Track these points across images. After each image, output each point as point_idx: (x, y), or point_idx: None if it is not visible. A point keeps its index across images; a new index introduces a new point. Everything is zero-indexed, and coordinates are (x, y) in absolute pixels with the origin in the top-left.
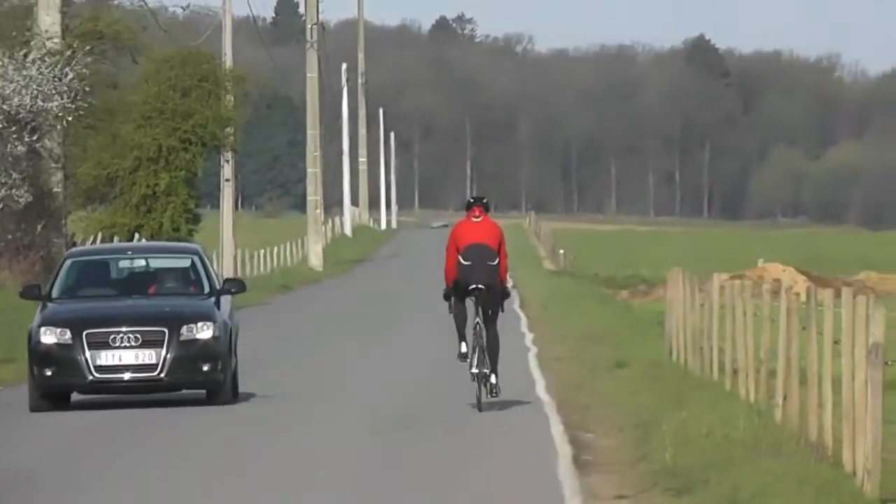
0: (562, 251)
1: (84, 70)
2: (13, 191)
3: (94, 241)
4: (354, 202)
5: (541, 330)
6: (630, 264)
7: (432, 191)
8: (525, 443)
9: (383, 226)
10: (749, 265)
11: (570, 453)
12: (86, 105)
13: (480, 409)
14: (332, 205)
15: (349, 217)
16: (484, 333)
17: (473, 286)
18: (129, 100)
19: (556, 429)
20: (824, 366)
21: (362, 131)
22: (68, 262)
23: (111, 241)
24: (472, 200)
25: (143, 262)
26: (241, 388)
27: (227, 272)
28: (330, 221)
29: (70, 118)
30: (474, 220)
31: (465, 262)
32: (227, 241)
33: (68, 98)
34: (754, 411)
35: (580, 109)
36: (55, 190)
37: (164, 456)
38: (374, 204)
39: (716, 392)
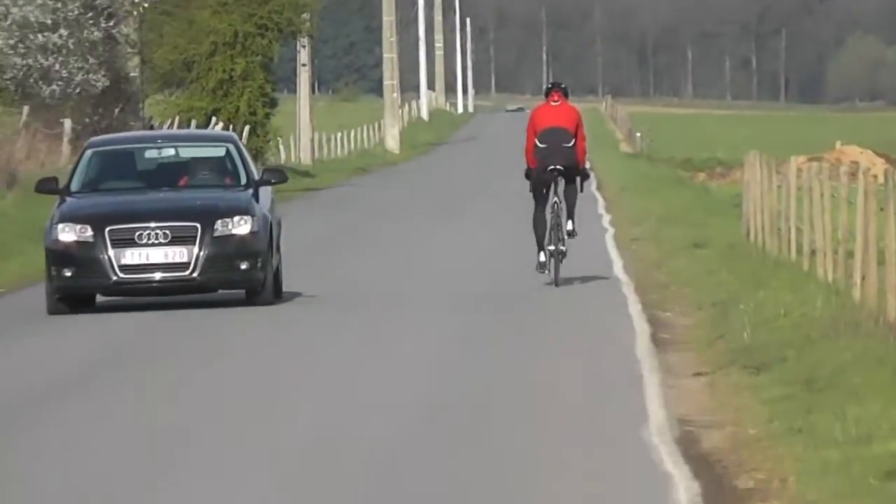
0: (638, 134)
1: None
2: (90, 75)
3: (171, 125)
4: (431, 86)
5: (618, 212)
6: (707, 147)
7: (508, 76)
8: (603, 320)
9: (460, 109)
10: (826, 148)
11: (648, 331)
12: None
13: (557, 284)
14: (408, 89)
15: (426, 101)
16: (561, 213)
17: (552, 167)
18: None
19: (635, 307)
20: None
21: (438, 17)
22: (89, 151)
23: (188, 125)
24: (550, 86)
25: (172, 152)
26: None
27: (305, 155)
28: (406, 105)
29: (146, 4)
30: (553, 104)
31: (542, 145)
32: (305, 125)
33: None
34: (832, 291)
35: None
36: (132, 74)
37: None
38: (450, 88)
39: (793, 272)
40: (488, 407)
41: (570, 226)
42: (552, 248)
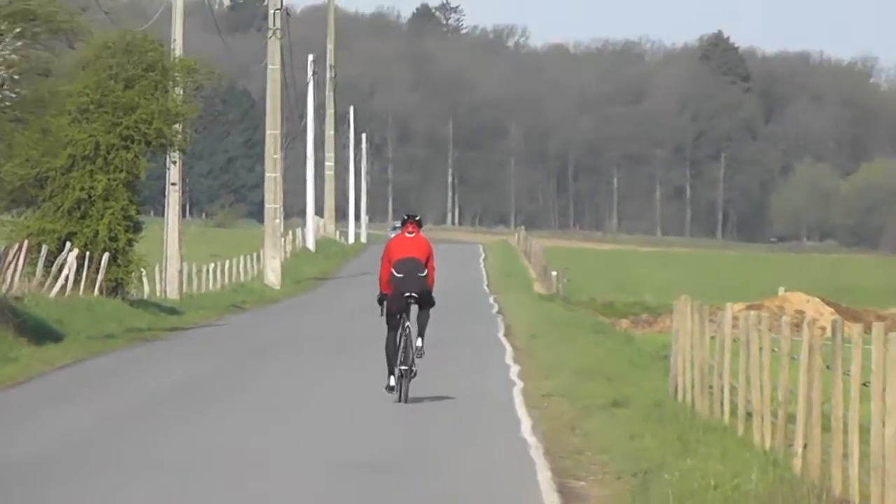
0: (554, 273)
1: (12, 55)
2: None
3: (19, 250)
4: (319, 212)
5: (528, 362)
6: (632, 290)
7: (409, 200)
8: (508, 490)
9: (351, 239)
10: (768, 294)
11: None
12: (13, 95)
13: (405, 401)
14: (292, 215)
15: (312, 229)
16: (411, 336)
17: (407, 294)
18: (63, 90)
19: (543, 475)
20: (850, 411)
21: (330, 132)
22: None
23: (39, 250)
24: (406, 217)
25: None
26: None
27: (172, 288)
28: (290, 233)
29: None
30: (408, 234)
31: (398, 274)
32: (173, 254)
33: None
34: (769, 461)
35: (579, 113)
36: None
37: None
38: (341, 214)
39: (726, 438)
40: None
41: (419, 342)
42: (404, 367)
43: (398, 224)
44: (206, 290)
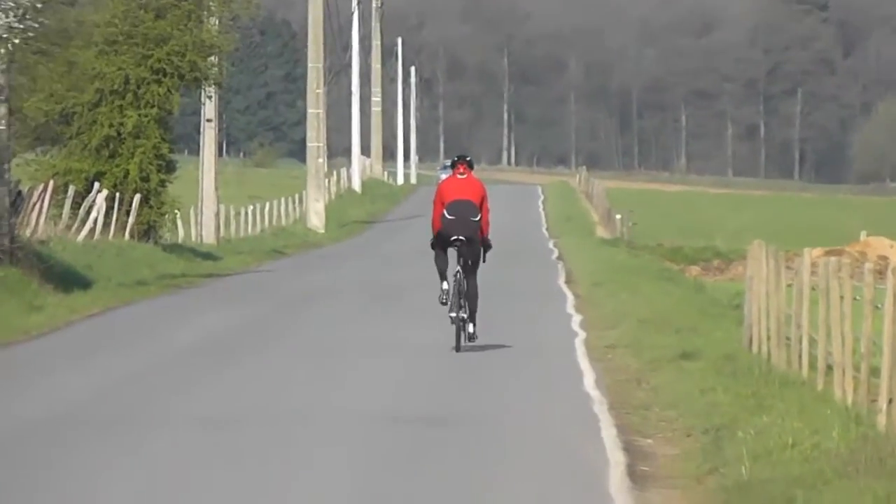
0: (618, 216)
1: None
2: None
3: (44, 191)
4: (365, 151)
5: (591, 312)
6: (702, 235)
7: (461, 140)
8: (571, 449)
9: (400, 180)
10: (849, 239)
11: (624, 462)
12: (36, 25)
13: (458, 350)
14: (337, 154)
15: (358, 169)
16: (464, 282)
17: (455, 238)
18: (89, 20)
19: (608, 432)
20: None
21: (376, 65)
22: None
23: (65, 191)
24: (456, 158)
25: None
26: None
27: (208, 233)
28: (335, 174)
29: (16, 40)
30: (459, 176)
31: (449, 217)
32: (209, 195)
33: (14, 16)
34: (851, 417)
35: (642, 45)
36: None
37: None
38: (389, 154)
39: (804, 392)
40: None
41: (471, 328)
42: (454, 314)
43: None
44: (244, 235)
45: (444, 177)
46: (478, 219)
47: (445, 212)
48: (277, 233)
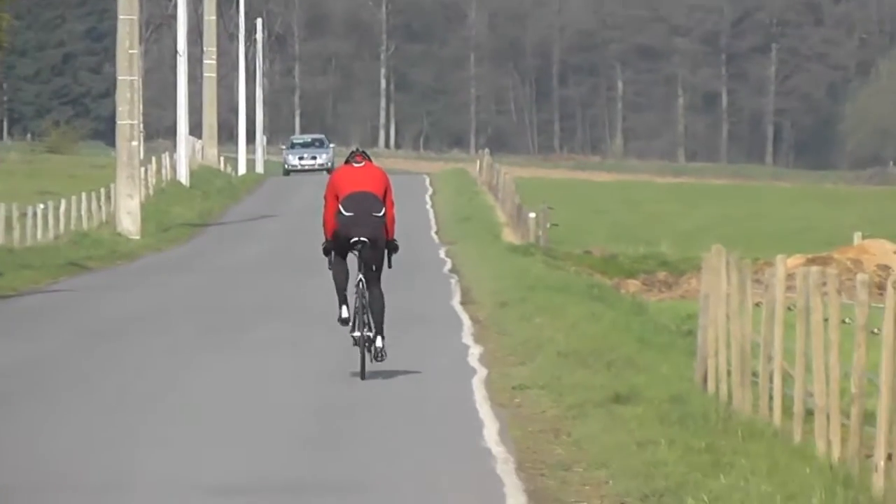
0: (532, 215)
1: None
2: None
3: None
4: (195, 131)
5: (495, 342)
6: (644, 238)
7: (324, 116)
8: None
9: (242, 168)
10: (838, 243)
11: None
12: None
13: (363, 377)
14: (158, 135)
15: (186, 154)
16: (366, 293)
17: (355, 239)
18: None
19: (515, 501)
20: None
21: (211, 17)
22: None
23: None
24: (352, 152)
25: None
26: None
27: None
28: (154, 161)
29: None
30: (356, 165)
31: (347, 213)
32: None
33: None
34: (839, 478)
35: None
36: None
37: None
38: (228, 135)
39: (776, 446)
40: None
41: (379, 342)
42: (357, 334)
43: (298, 140)
44: (32, 243)
45: (290, 159)
46: (382, 214)
47: (341, 207)
48: (77, 240)
